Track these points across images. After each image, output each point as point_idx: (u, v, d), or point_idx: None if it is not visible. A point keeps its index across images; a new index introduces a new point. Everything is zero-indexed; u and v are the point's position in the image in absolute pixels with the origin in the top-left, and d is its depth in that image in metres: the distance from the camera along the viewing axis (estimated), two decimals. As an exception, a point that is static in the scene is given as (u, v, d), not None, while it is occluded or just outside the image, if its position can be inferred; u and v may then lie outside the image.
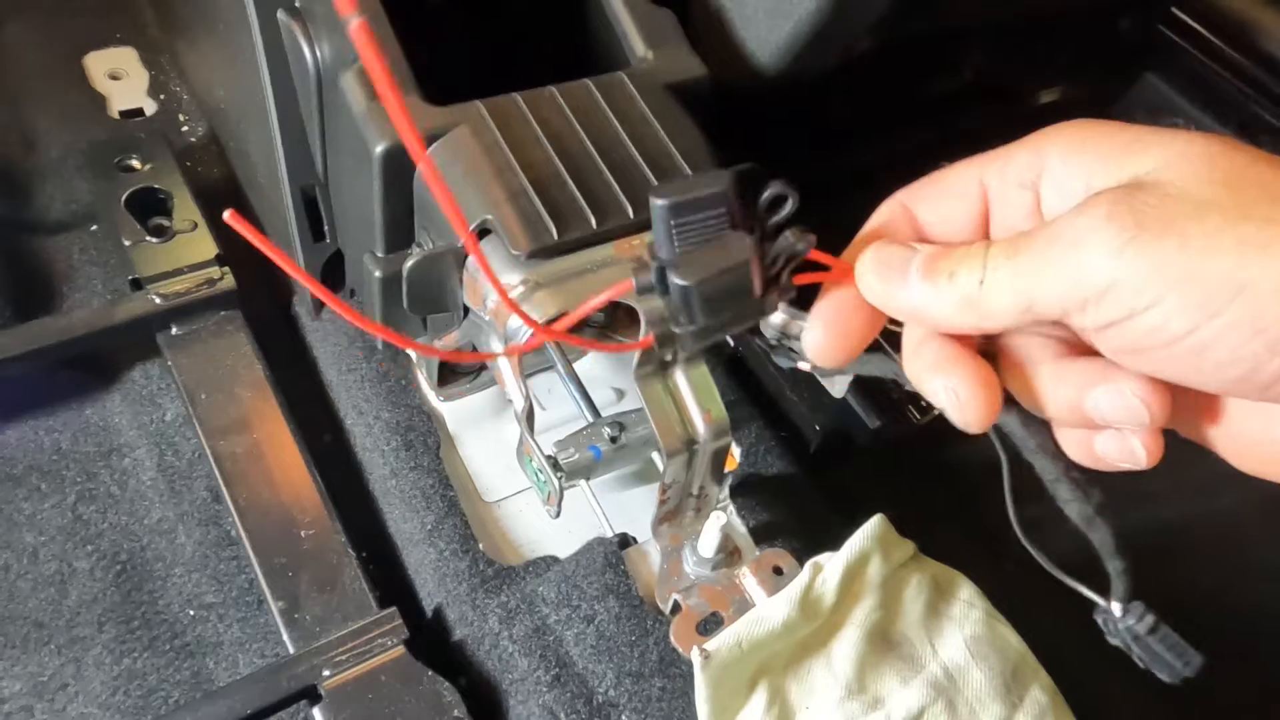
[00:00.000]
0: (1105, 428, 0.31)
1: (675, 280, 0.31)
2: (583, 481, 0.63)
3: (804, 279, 0.33)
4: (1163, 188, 0.27)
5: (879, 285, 0.32)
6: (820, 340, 0.33)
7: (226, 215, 0.29)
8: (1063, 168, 0.30)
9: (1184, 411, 0.31)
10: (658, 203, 0.30)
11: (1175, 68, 0.98)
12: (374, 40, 0.25)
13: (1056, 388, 0.31)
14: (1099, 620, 0.34)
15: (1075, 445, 0.32)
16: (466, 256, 0.49)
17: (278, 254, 0.29)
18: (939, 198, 0.33)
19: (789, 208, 0.31)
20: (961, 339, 0.32)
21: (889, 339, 0.35)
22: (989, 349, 0.33)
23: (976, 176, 0.32)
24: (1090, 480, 0.32)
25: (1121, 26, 1.03)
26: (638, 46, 0.56)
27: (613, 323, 0.66)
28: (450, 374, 0.64)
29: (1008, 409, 0.32)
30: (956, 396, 0.31)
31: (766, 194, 0.31)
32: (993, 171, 0.32)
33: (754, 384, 0.71)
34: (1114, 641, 0.33)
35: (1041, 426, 0.32)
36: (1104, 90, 1.05)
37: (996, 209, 0.32)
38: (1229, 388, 0.27)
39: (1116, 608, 0.32)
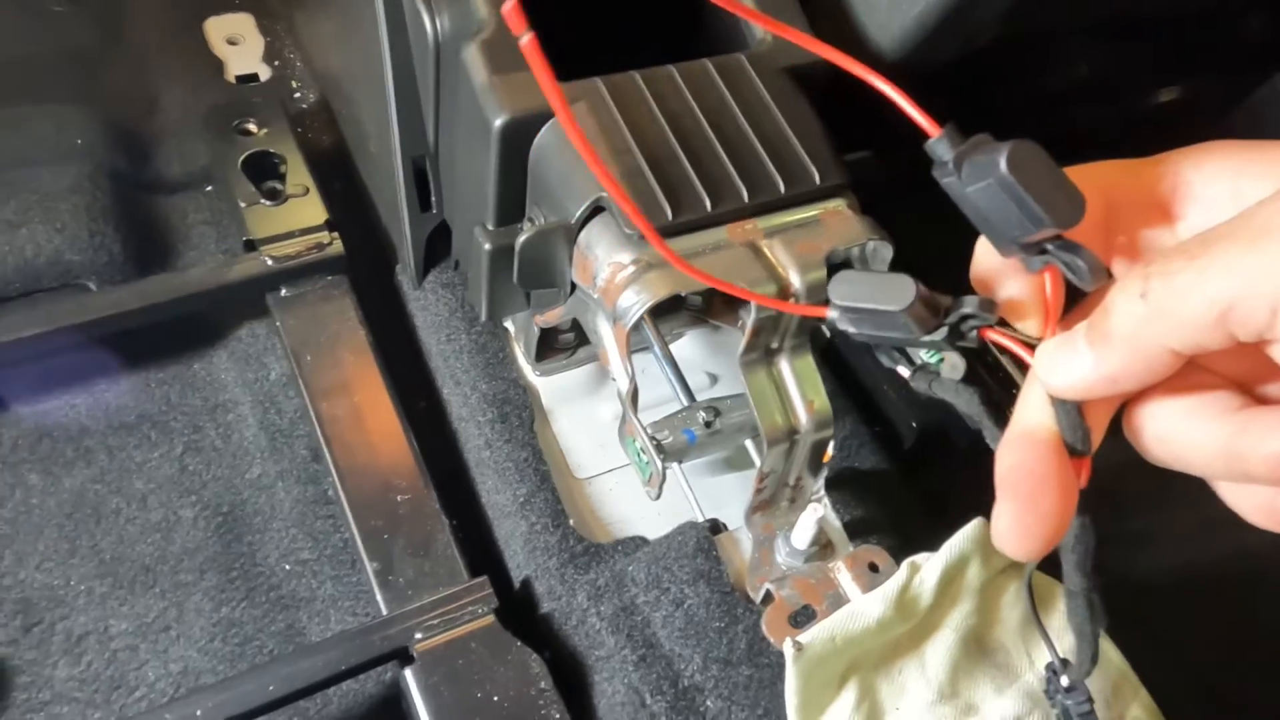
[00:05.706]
0: None
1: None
2: (675, 465, 0.62)
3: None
4: None
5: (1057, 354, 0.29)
6: (1011, 524, 0.29)
7: None
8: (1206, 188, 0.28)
9: None
10: (833, 312, 0.32)
11: (1311, 70, 0.93)
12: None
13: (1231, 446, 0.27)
14: (1045, 672, 0.40)
15: (1247, 501, 0.29)
16: (578, 233, 0.49)
17: None
18: None
19: (985, 321, 0.30)
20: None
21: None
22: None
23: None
24: (1104, 609, 0.32)
25: (1249, 25, 0.98)
26: (757, 28, 0.55)
27: (710, 308, 0.66)
28: (547, 349, 0.65)
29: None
30: None
31: (963, 310, 0.30)
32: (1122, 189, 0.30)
33: (850, 376, 0.70)
34: (1048, 698, 0.40)
35: (1091, 542, 0.31)
36: (1226, 92, 1.00)
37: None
38: None
39: (1066, 680, 0.39)
